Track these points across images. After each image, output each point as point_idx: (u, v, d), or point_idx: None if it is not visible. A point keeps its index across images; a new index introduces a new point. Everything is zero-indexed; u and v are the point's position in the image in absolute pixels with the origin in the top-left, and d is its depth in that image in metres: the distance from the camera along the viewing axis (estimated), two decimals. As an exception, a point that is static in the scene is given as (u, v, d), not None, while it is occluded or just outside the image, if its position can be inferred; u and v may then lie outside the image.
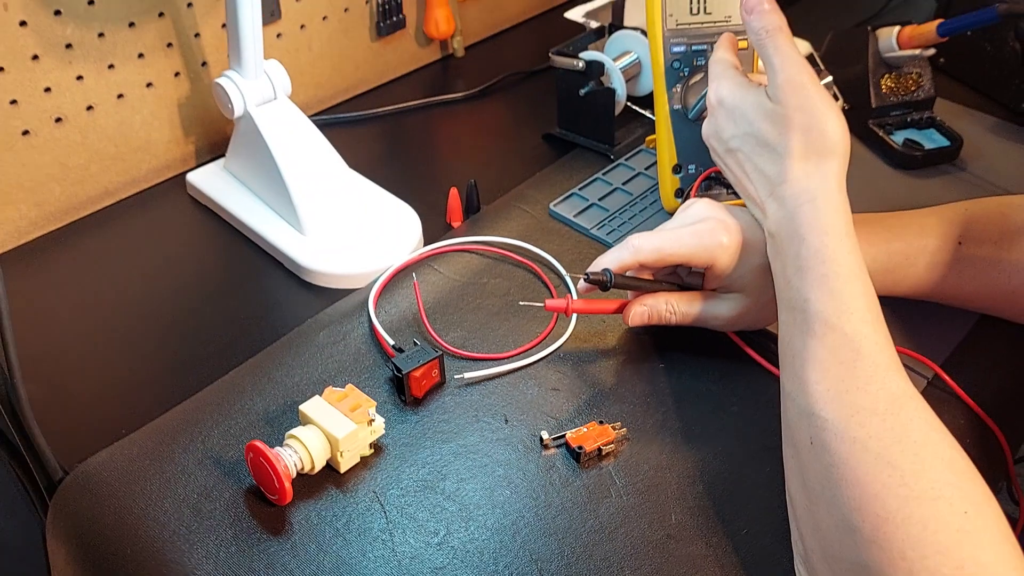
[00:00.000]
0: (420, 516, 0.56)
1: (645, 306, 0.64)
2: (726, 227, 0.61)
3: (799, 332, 0.53)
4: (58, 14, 0.73)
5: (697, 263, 0.62)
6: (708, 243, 0.60)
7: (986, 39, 0.95)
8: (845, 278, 0.52)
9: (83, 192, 0.81)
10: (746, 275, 0.61)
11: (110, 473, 0.58)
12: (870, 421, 0.47)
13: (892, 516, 0.44)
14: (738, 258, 0.61)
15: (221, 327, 0.71)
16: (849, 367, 0.50)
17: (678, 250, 0.61)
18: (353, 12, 0.96)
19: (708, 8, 0.71)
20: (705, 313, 0.64)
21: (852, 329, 0.51)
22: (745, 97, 0.60)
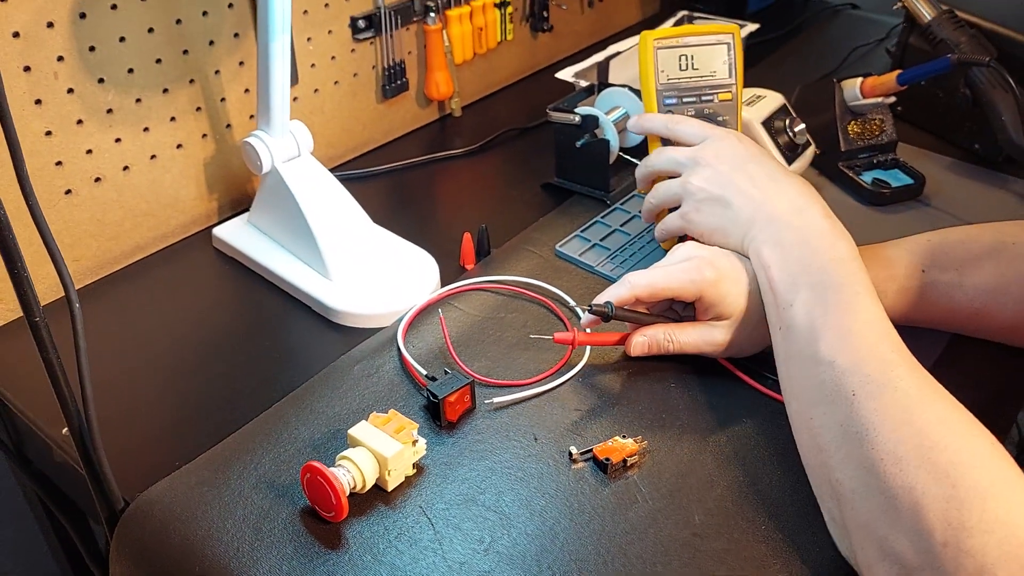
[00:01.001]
0: (465, 526, 0.60)
1: (645, 336, 0.71)
2: (710, 264, 0.69)
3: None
4: (101, 82, 0.79)
5: (686, 296, 0.69)
6: (695, 278, 0.68)
7: (938, 87, 1.05)
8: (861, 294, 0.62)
9: (117, 247, 0.86)
10: (733, 303, 0.68)
11: (172, 500, 0.62)
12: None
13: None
14: (723, 289, 0.68)
15: (257, 366, 0.76)
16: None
17: (668, 284, 0.69)
18: (361, 77, 1.03)
19: (695, 64, 0.79)
20: (700, 340, 0.70)
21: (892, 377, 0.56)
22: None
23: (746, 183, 0.69)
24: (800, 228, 0.66)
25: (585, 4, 1.32)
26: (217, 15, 0.86)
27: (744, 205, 0.69)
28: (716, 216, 0.70)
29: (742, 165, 0.70)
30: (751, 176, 0.69)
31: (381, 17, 1.01)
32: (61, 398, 0.57)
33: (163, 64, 0.83)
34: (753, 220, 0.68)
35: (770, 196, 0.68)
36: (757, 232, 0.68)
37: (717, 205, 0.70)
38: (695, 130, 0.74)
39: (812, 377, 0.59)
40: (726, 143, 0.72)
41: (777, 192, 0.68)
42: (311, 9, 0.94)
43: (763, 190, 0.69)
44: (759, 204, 0.68)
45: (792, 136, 0.92)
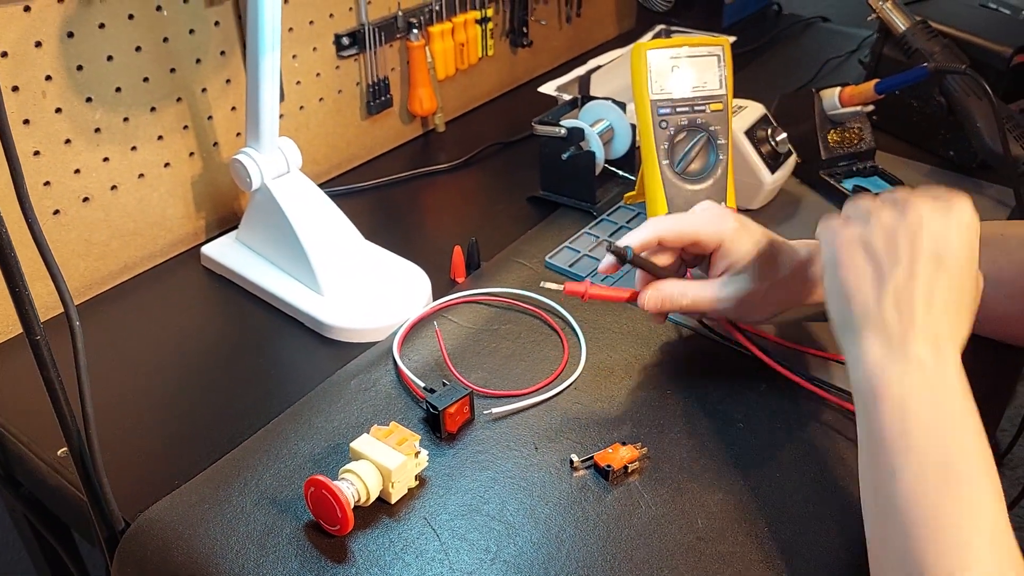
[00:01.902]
0: (471, 536, 0.60)
1: (658, 290, 0.70)
2: (730, 214, 0.69)
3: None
4: (89, 101, 0.79)
5: (708, 242, 0.68)
6: (716, 222, 0.68)
7: (913, 96, 1.07)
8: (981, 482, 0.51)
9: (105, 267, 0.85)
10: (751, 253, 0.68)
11: (173, 519, 0.61)
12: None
13: None
14: (742, 240, 0.68)
15: (252, 383, 0.75)
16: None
17: (691, 225, 0.68)
18: (346, 94, 1.03)
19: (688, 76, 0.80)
20: (712, 295, 0.69)
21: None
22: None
23: (922, 275, 0.56)
24: (932, 378, 0.54)
25: (563, 20, 1.34)
26: (204, 33, 0.86)
27: (897, 293, 0.56)
28: (858, 269, 0.58)
29: (938, 252, 0.56)
30: (932, 275, 0.56)
31: (365, 34, 1.02)
32: (61, 417, 0.56)
33: (150, 83, 0.83)
34: (882, 319, 0.56)
35: (928, 311, 0.55)
36: (874, 338, 0.56)
37: (871, 263, 0.57)
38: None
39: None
40: (942, 216, 0.57)
41: (941, 313, 0.55)
42: (296, 26, 0.95)
43: (928, 300, 0.55)
44: (908, 312, 0.55)
45: (774, 145, 0.94)
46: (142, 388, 0.75)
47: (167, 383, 0.76)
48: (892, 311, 0.55)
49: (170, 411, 0.73)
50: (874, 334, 0.56)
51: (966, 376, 0.54)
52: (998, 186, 1.01)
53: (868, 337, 0.56)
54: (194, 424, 0.71)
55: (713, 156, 0.82)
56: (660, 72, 0.78)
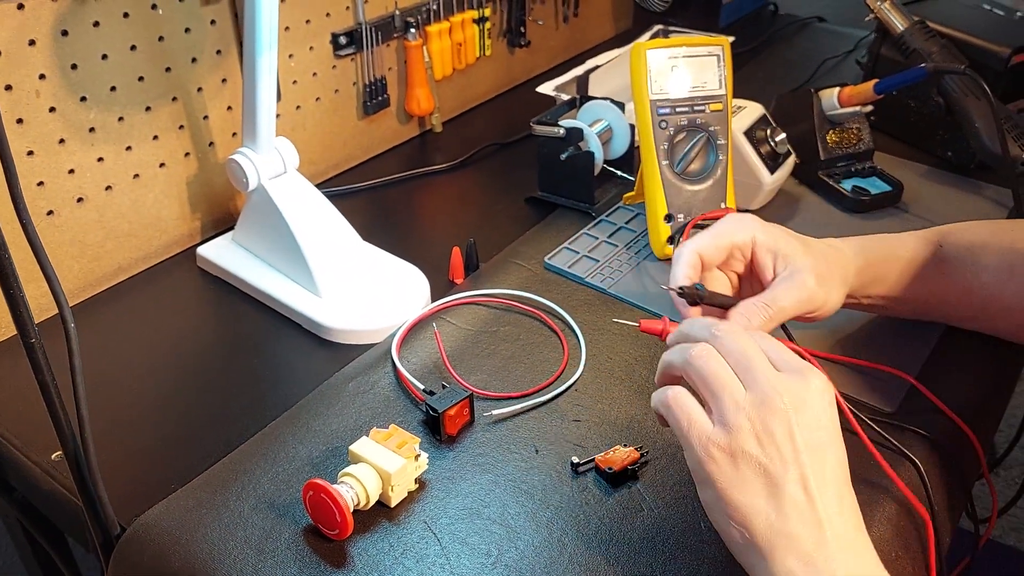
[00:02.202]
0: (471, 540, 0.60)
1: (742, 312, 0.65)
2: (748, 216, 0.68)
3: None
4: (83, 100, 0.78)
5: (741, 240, 0.66)
6: (742, 223, 0.67)
7: (911, 96, 1.07)
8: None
9: (99, 269, 0.84)
10: (785, 240, 0.67)
11: (170, 524, 0.61)
12: None
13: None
14: (769, 229, 0.67)
15: (249, 386, 0.75)
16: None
17: (723, 233, 0.66)
18: (343, 93, 1.03)
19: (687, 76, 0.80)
20: (790, 296, 0.65)
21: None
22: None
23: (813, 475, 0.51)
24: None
25: (560, 20, 1.33)
26: (200, 32, 0.85)
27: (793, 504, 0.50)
28: (746, 485, 0.51)
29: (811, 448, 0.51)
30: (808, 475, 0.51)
31: (362, 33, 1.01)
32: (56, 421, 0.55)
33: (145, 82, 0.82)
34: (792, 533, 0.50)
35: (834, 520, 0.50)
36: (795, 564, 0.50)
37: (758, 475, 0.51)
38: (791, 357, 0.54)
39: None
40: (804, 395, 0.52)
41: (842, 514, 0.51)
42: (293, 26, 0.94)
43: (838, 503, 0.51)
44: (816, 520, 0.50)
45: (773, 146, 0.94)
46: (137, 390, 0.74)
47: (162, 385, 0.75)
48: (799, 525, 0.49)
49: (166, 414, 0.72)
50: (787, 554, 0.49)
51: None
52: (996, 187, 1.00)
53: (780, 559, 0.49)
54: (190, 427, 0.71)
55: (713, 156, 0.82)
56: (660, 72, 0.77)
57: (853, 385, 0.72)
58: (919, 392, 0.72)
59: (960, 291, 0.73)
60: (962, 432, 0.70)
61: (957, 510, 0.71)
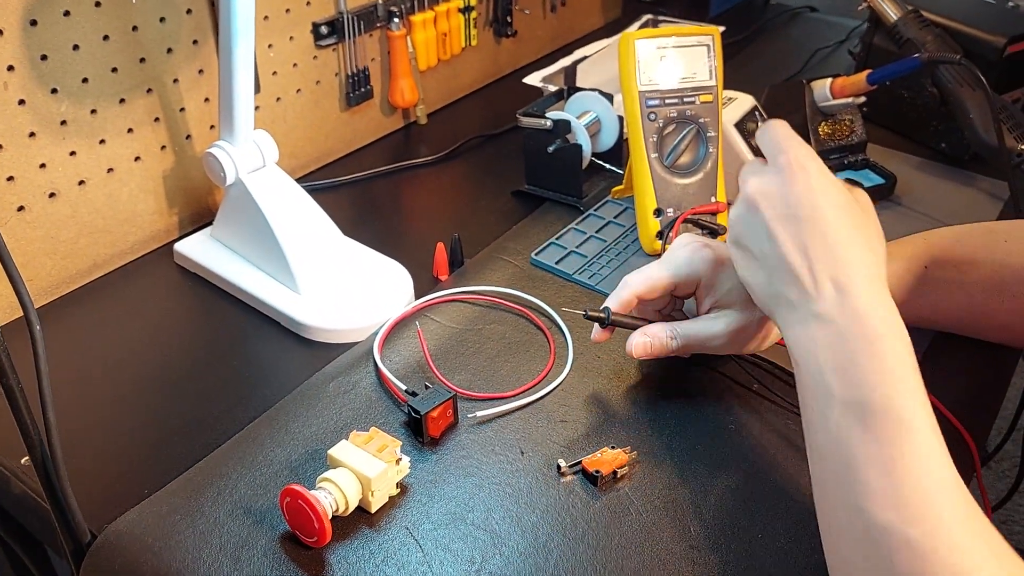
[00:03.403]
0: (454, 547, 0.58)
1: (647, 336, 0.66)
2: (707, 244, 0.66)
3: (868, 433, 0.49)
4: (54, 92, 0.75)
5: (685, 283, 0.66)
6: (692, 259, 0.65)
7: (904, 87, 1.06)
8: (919, 420, 0.49)
9: (73, 266, 0.82)
10: (734, 288, 0.65)
11: (143, 531, 0.59)
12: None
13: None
14: (723, 270, 0.65)
15: (227, 386, 0.73)
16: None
17: (665, 272, 0.65)
18: (324, 84, 1.00)
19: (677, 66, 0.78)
20: (704, 332, 0.66)
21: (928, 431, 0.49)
22: (832, 178, 0.56)
23: (786, 240, 0.55)
24: (838, 320, 0.53)
25: (548, 9, 1.31)
26: (175, 21, 0.83)
27: (775, 270, 0.56)
28: (747, 269, 0.59)
29: (790, 214, 0.55)
30: (795, 233, 0.55)
31: (344, 23, 0.99)
32: (23, 427, 0.53)
33: (119, 73, 0.80)
34: (779, 295, 0.56)
35: (812, 265, 0.54)
36: (786, 313, 0.56)
37: (748, 257, 0.59)
38: (772, 145, 0.59)
39: (850, 525, 0.50)
40: (779, 182, 0.56)
41: (825, 258, 0.54)
42: (272, 15, 0.92)
43: (803, 255, 0.55)
44: (792, 276, 0.55)
45: (765, 138, 0.92)
46: (111, 391, 0.72)
47: (137, 386, 0.73)
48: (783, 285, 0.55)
49: (140, 415, 0.70)
50: (779, 307, 0.56)
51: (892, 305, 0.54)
52: (991, 179, 0.99)
53: (776, 313, 0.57)
54: (165, 429, 0.68)
55: (703, 149, 0.80)
56: (649, 63, 0.75)
57: (846, 383, 0.70)
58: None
59: (949, 311, 0.72)
60: (956, 430, 0.69)
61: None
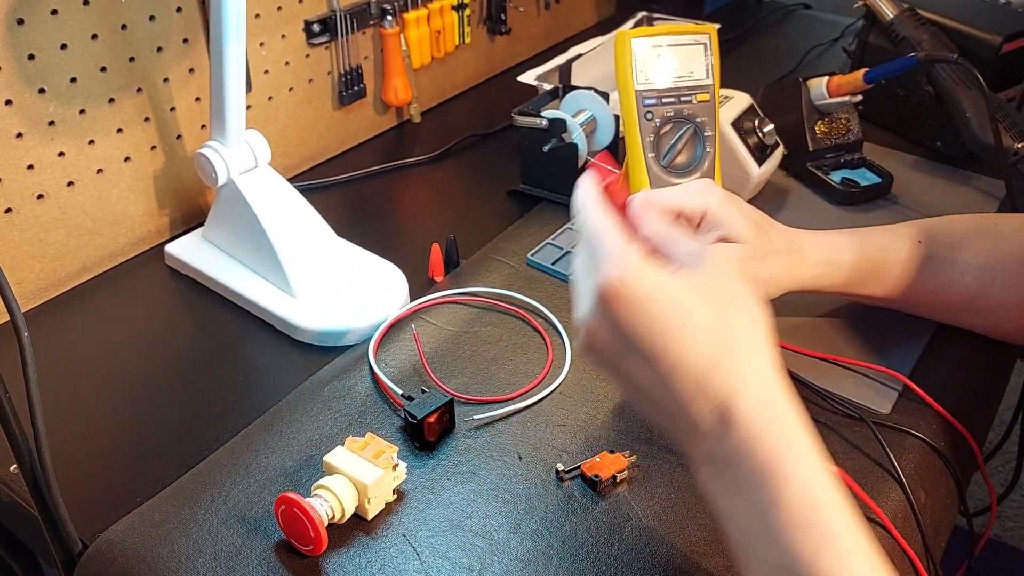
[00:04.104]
0: (452, 554, 0.57)
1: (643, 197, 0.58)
2: (718, 187, 0.66)
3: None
4: (42, 92, 0.74)
5: (692, 208, 0.64)
6: (704, 192, 0.64)
7: (900, 86, 1.05)
8: (841, 527, 0.44)
9: (62, 268, 0.81)
10: (740, 222, 0.64)
11: (135, 540, 0.58)
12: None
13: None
14: (728, 207, 0.64)
15: (220, 391, 0.71)
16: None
17: (676, 195, 0.63)
18: (317, 83, 0.99)
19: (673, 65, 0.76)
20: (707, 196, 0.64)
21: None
22: (665, 281, 0.46)
23: (642, 379, 0.47)
24: (727, 458, 0.46)
25: (542, 6, 1.30)
26: (165, 20, 0.81)
27: (647, 409, 0.50)
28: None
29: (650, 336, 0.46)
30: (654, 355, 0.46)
31: (336, 21, 0.98)
32: (11, 436, 0.52)
33: (108, 72, 0.79)
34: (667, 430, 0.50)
35: (681, 401, 0.46)
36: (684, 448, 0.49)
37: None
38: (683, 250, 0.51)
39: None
40: (601, 319, 0.47)
41: (693, 390, 0.46)
42: (263, 13, 0.90)
43: (666, 389, 0.46)
44: (666, 417, 0.48)
45: (761, 137, 0.91)
46: (101, 397, 0.71)
47: (128, 391, 0.72)
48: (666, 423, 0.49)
49: (132, 422, 0.69)
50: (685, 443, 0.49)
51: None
52: (987, 178, 0.99)
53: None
54: (157, 436, 0.67)
55: (700, 149, 0.79)
56: (645, 61, 0.74)
57: (846, 386, 0.70)
58: (912, 392, 0.70)
59: (942, 290, 0.72)
60: (955, 429, 0.69)
61: (953, 511, 0.69)
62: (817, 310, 0.77)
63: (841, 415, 0.68)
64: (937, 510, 0.64)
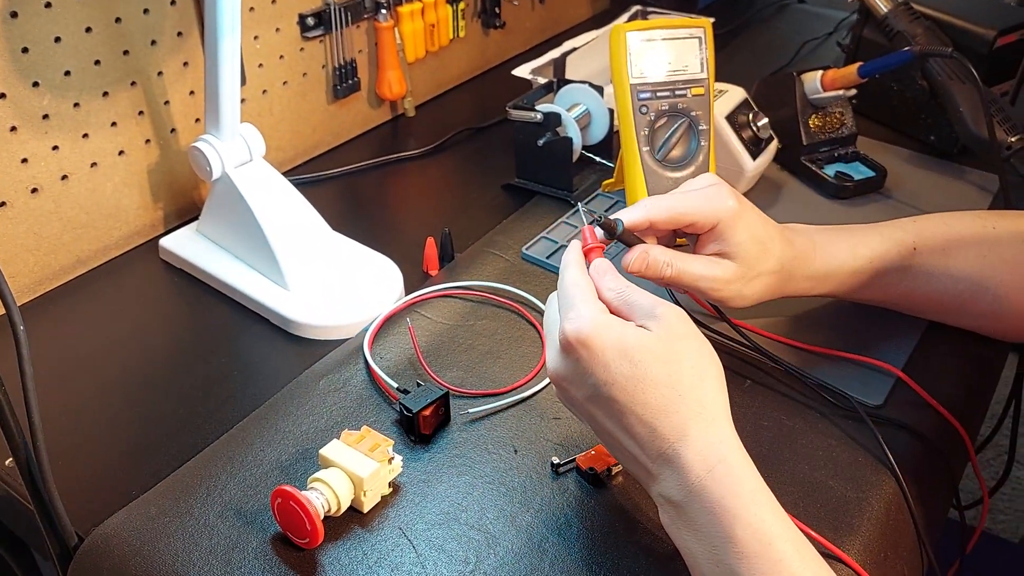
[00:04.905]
0: (448, 547, 0.57)
1: (646, 253, 0.63)
2: (733, 193, 0.64)
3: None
4: (36, 85, 0.74)
5: (703, 222, 0.63)
6: (716, 204, 0.63)
7: (894, 80, 1.05)
8: (793, 555, 0.48)
9: (56, 262, 0.81)
10: (745, 242, 0.63)
11: (131, 533, 0.58)
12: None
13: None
14: (738, 224, 0.63)
15: (215, 384, 0.71)
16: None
17: (688, 208, 0.63)
18: (311, 76, 0.99)
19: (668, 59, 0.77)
20: (702, 271, 0.64)
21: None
22: (621, 334, 0.52)
23: (604, 421, 0.54)
24: (681, 502, 0.51)
25: (536, 0, 1.30)
26: (159, 13, 0.81)
27: (609, 447, 0.56)
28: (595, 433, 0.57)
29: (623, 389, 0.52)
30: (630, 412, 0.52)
31: (331, 14, 0.98)
32: (6, 430, 0.52)
33: (102, 66, 0.78)
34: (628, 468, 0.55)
35: (640, 443, 0.52)
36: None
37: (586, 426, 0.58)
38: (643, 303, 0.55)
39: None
40: (570, 363, 0.53)
41: (646, 435, 0.52)
42: (257, 6, 0.90)
43: (626, 434, 0.53)
44: (627, 456, 0.54)
45: (756, 131, 0.91)
46: (96, 390, 0.71)
47: (123, 385, 0.72)
48: (631, 465, 0.54)
49: (126, 415, 0.69)
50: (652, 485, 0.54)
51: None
52: (980, 172, 0.99)
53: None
54: (153, 429, 0.67)
55: (695, 142, 0.79)
56: (640, 55, 0.74)
57: (839, 378, 0.70)
58: (905, 384, 0.70)
59: (935, 296, 0.72)
60: (948, 422, 0.69)
61: (946, 503, 0.70)
62: (810, 303, 0.78)
63: (835, 407, 0.68)
64: (930, 502, 0.65)
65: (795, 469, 0.63)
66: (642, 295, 0.55)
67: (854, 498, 0.61)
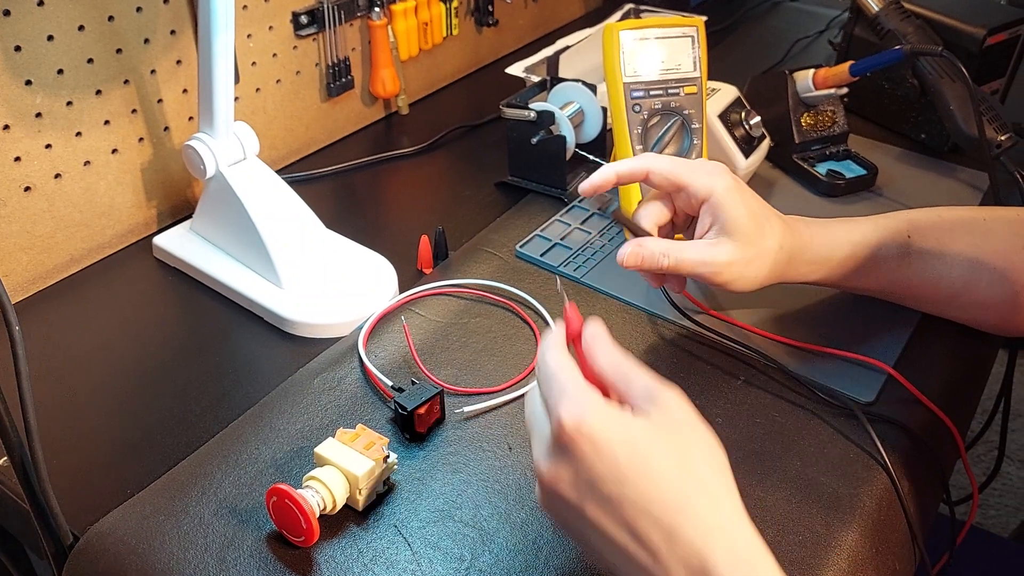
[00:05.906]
0: (443, 544, 0.58)
1: (640, 247, 0.64)
2: (727, 171, 0.66)
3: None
4: (29, 84, 0.74)
5: (696, 188, 0.64)
6: (713, 176, 0.64)
7: (885, 78, 1.06)
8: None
9: (49, 260, 0.81)
10: (741, 217, 0.64)
11: (126, 532, 0.58)
12: None
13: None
14: (735, 198, 0.64)
15: (209, 383, 0.72)
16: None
17: (685, 170, 0.64)
18: (304, 74, 0.99)
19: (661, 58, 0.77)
20: (699, 257, 0.64)
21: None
22: (627, 423, 0.45)
23: (608, 526, 0.45)
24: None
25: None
26: (152, 11, 0.81)
27: (617, 560, 0.46)
28: (592, 557, 0.52)
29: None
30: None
31: (324, 12, 0.98)
32: (1, 428, 0.52)
33: (95, 64, 0.78)
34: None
35: (652, 551, 0.44)
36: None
37: (585, 548, 0.49)
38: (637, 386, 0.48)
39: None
40: (567, 461, 0.46)
41: (663, 541, 0.44)
42: (251, 4, 0.90)
43: (636, 541, 0.45)
44: (637, 567, 0.45)
45: (748, 129, 0.92)
46: (90, 389, 0.71)
47: (117, 384, 0.72)
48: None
49: (121, 414, 0.69)
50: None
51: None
52: (970, 170, 1.00)
53: None
54: (147, 428, 0.67)
55: (687, 141, 0.80)
56: (633, 54, 0.75)
57: (831, 376, 0.71)
58: (896, 381, 0.71)
59: (928, 285, 0.72)
60: (939, 419, 0.70)
61: (937, 499, 0.70)
62: (802, 300, 0.78)
63: (827, 404, 0.68)
64: (921, 497, 0.65)
65: (787, 466, 0.63)
66: (640, 375, 0.48)
67: (846, 494, 0.61)
